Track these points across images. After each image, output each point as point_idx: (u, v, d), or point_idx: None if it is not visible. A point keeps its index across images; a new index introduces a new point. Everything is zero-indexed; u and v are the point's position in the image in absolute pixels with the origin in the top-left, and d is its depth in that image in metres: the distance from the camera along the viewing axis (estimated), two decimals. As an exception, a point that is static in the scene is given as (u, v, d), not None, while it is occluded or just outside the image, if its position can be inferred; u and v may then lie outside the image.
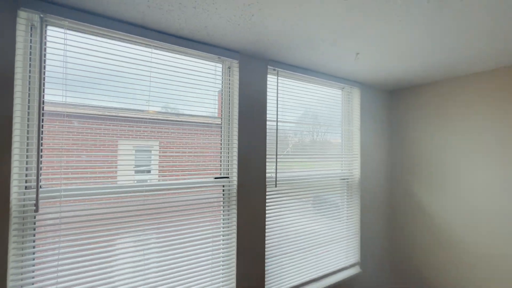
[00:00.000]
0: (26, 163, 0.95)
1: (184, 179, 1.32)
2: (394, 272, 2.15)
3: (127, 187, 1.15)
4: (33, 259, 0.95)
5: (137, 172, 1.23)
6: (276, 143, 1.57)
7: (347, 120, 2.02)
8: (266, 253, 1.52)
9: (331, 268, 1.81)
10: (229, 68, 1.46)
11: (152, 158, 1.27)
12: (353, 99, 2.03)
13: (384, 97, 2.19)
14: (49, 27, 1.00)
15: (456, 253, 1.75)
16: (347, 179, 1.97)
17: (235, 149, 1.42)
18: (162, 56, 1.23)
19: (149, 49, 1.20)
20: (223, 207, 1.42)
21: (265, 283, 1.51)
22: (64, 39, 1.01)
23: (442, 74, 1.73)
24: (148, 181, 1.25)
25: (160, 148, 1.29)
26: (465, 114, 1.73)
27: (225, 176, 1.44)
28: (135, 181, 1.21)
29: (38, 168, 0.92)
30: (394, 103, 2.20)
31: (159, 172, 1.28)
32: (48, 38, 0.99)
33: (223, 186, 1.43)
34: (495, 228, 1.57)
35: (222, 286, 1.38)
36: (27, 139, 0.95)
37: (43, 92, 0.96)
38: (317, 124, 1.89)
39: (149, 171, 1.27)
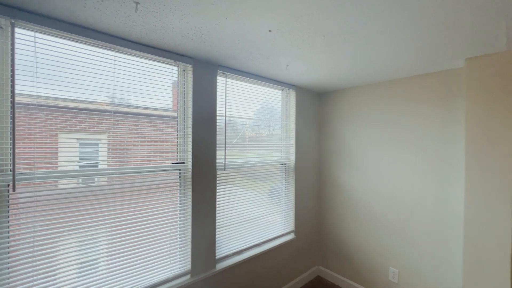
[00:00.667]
0: (1, 150, 1.09)
1: (146, 164, 1.55)
2: (320, 235, 2.73)
3: (94, 171, 1.34)
4: (8, 232, 1.10)
5: (103, 158, 1.42)
6: (225, 134, 1.91)
7: (285, 116, 2.47)
8: (216, 224, 1.86)
9: (272, 235, 2.26)
10: (184, 70, 1.72)
11: (115, 146, 1.47)
12: (290, 98, 2.48)
13: (314, 97, 2.71)
14: (17, 29, 1.12)
15: (363, 215, 2.38)
16: (285, 164, 2.43)
17: (190, 139, 1.71)
18: (124, 59, 1.44)
19: (113, 52, 1.39)
20: (180, 187, 1.70)
21: (216, 248, 1.85)
22: (34, 37, 1.15)
23: (356, 82, 2.29)
24: (112, 166, 1.45)
25: (124, 138, 1.49)
26: (371, 112, 2.33)
27: (181, 161, 1.72)
28: (101, 166, 1.40)
29: (14, 153, 1.07)
30: (322, 103, 2.74)
31: (123, 157, 1.49)
32: (17, 40, 1.12)
33: (180, 170, 1.70)
34: (390, 195, 2.21)
35: (180, 252, 1.67)
36: (2, 128, 1.09)
37: (15, 84, 1.10)
38: (261, 119, 2.29)
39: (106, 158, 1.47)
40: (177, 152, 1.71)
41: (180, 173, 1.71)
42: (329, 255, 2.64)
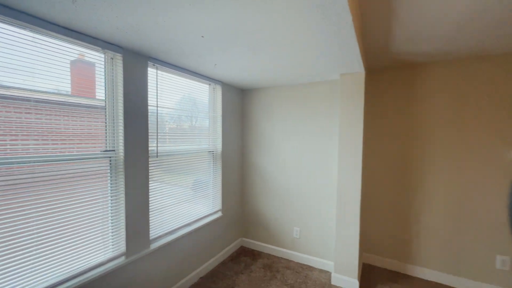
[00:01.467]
0: None
1: (72, 151, 1.52)
2: (243, 211, 3.21)
3: (24, 157, 1.25)
4: None
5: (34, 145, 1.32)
6: (157, 123, 2.02)
7: (213, 109, 2.74)
8: (150, 207, 1.98)
9: (201, 215, 2.53)
10: (112, 58, 1.73)
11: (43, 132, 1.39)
12: (217, 93, 2.76)
13: (238, 93, 3.09)
14: None
15: (275, 190, 2.96)
16: (213, 151, 2.72)
17: (121, 127, 1.75)
18: (47, 42, 1.36)
19: (31, 33, 1.30)
20: (111, 174, 1.74)
21: (150, 230, 1.98)
22: None
23: (271, 83, 2.78)
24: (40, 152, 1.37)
25: (51, 126, 1.42)
26: (282, 109, 2.90)
27: (111, 149, 1.74)
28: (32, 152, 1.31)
29: None
30: (245, 98, 3.16)
31: (50, 144, 1.42)
32: None
33: (110, 157, 1.73)
34: (294, 172, 2.85)
35: (112, 236, 1.73)
36: None
37: None
38: (191, 110, 2.48)
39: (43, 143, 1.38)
40: (106, 140, 1.72)
41: (111, 161, 1.74)
42: (251, 227, 3.15)
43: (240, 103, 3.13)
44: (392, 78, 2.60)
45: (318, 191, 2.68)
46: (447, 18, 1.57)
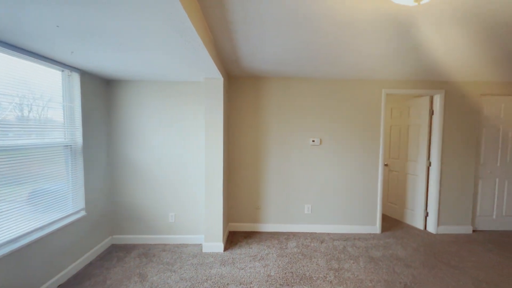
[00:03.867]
0: None
1: None
2: (115, 207, 3.08)
3: None
4: None
5: None
6: (-16, 113, 1.65)
7: (69, 98, 2.45)
8: (-23, 216, 1.61)
9: (58, 216, 2.26)
10: None
11: None
12: (73, 80, 2.49)
13: (104, 83, 2.89)
14: None
15: (149, 180, 3.06)
16: (71, 146, 2.45)
17: None
18: None
19: None
20: None
21: (-22, 243, 1.62)
22: None
23: (141, 77, 2.82)
24: None
25: None
26: (156, 103, 3.01)
27: None
28: None
29: None
30: (114, 89, 2.99)
31: None
32: None
33: None
34: (167, 162, 3.05)
35: None
36: None
37: None
38: (33, 98, 2.12)
39: None
40: None
41: None
42: (124, 222, 3.08)
43: (107, 94, 2.94)
44: (248, 85, 3.38)
45: (190, 177, 3.08)
46: (272, 54, 2.36)
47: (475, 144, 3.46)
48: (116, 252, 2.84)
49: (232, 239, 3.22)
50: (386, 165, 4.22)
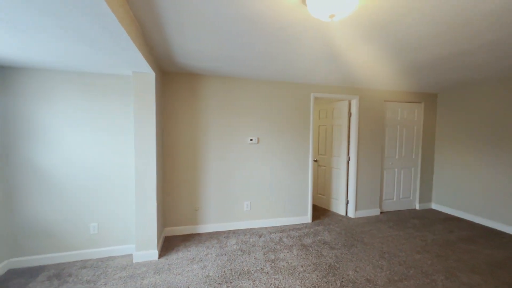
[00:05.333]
0: None
1: None
2: (10, 226, 2.48)
3: None
4: None
5: None
6: None
7: None
8: None
9: None
10: None
11: None
12: None
13: (-8, 69, 2.29)
14: None
15: (61, 188, 2.59)
16: None
17: None
18: None
19: None
20: None
21: None
22: None
23: (52, 65, 2.35)
24: None
25: None
26: (68, 95, 2.55)
27: None
28: None
29: None
30: (11, 78, 2.40)
31: None
32: None
33: None
34: (86, 167, 2.63)
35: None
36: None
37: None
38: None
39: None
40: None
41: None
42: (27, 241, 2.52)
43: (1, 84, 2.34)
44: (186, 83, 3.23)
45: (118, 181, 2.75)
46: (208, 52, 2.31)
47: (381, 141, 4.22)
48: (15, 279, 2.30)
49: (169, 244, 3.03)
50: (315, 161, 4.72)
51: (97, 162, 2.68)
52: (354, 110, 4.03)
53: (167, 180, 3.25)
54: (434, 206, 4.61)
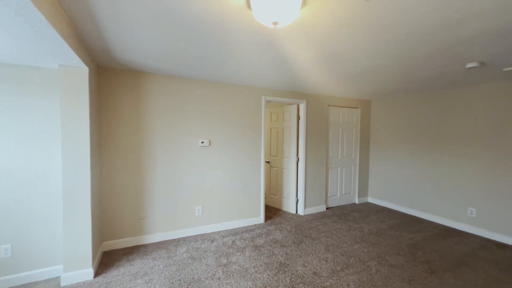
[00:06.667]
0: None
1: None
2: None
3: None
4: None
5: None
6: None
7: None
8: None
9: None
10: None
11: None
12: None
13: None
14: None
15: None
16: None
17: None
18: None
19: None
20: None
21: None
22: None
23: None
24: None
25: None
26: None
27: None
28: None
29: None
30: None
31: None
32: None
33: None
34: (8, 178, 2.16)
35: None
36: None
37: None
38: None
39: None
40: None
41: None
42: None
43: None
44: (129, 79, 2.94)
45: (40, 193, 2.33)
46: (147, 50, 2.15)
47: (325, 142, 4.58)
48: None
49: (108, 260, 2.71)
50: (267, 162, 4.86)
51: (8, 172, 2.22)
52: (302, 113, 4.28)
53: (106, 188, 2.90)
54: (370, 199, 5.21)
